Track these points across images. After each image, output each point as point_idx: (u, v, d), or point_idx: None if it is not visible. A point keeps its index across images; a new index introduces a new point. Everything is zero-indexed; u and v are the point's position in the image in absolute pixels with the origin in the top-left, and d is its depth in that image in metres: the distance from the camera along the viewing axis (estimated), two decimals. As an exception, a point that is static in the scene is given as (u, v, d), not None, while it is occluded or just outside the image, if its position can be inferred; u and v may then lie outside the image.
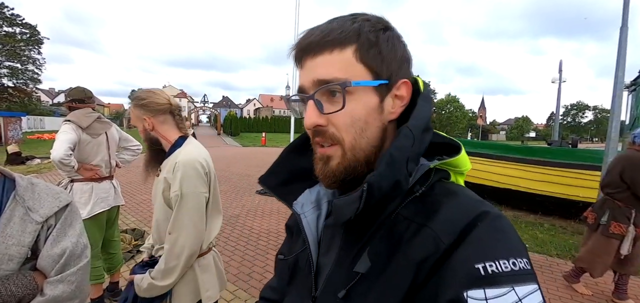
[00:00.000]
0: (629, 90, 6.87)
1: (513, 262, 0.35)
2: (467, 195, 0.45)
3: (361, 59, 0.44)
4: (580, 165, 5.83)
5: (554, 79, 11.77)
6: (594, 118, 66.78)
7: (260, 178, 0.60)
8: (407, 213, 0.44)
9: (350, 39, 0.44)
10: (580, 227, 5.57)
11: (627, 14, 4.04)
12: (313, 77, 0.45)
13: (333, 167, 0.47)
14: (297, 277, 0.59)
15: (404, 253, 0.41)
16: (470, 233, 0.38)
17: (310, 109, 0.46)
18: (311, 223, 0.55)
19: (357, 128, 0.45)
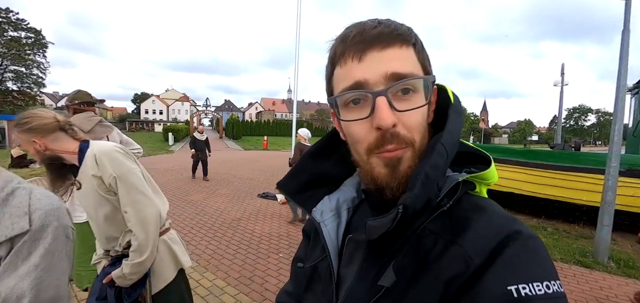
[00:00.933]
0: (632, 94, 6.85)
1: (547, 285, 0.34)
2: (497, 211, 0.43)
3: (420, 59, 0.44)
4: (583, 168, 5.80)
5: (557, 82, 11.72)
6: (596, 121, 66.51)
7: (279, 183, 0.58)
8: (435, 228, 0.42)
9: (411, 37, 0.43)
10: (584, 231, 5.53)
11: (629, 18, 4.03)
12: (386, 70, 0.41)
13: (405, 170, 0.42)
14: (315, 285, 0.57)
15: (431, 270, 0.39)
16: (502, 253, 0.36)
17: (384, 105, 0.40)
18: (331, 232, 0.53)
19: (422, 128, 0.44)
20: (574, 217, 5.99)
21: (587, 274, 3.77)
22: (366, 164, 0.45)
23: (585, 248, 4.57)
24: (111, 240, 1.40)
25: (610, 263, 4.08)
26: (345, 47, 0.43)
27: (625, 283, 3.57)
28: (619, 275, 3.80)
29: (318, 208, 0.55)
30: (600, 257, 4.15)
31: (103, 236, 1.40)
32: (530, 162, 6.37)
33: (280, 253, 4.03)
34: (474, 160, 0.48)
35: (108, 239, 1.40)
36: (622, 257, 4.27)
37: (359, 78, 0.42)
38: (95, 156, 1.29)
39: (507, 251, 0.36)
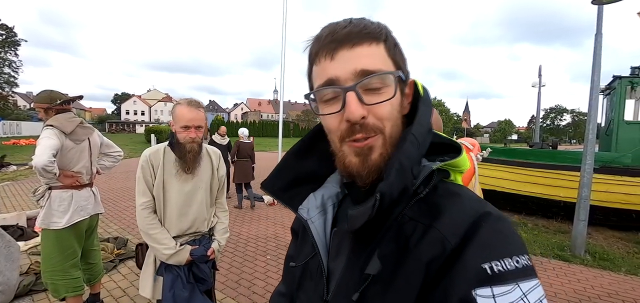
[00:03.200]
0: (604, 94, 7.19)
1: (516, 259, 0.37)
2: (469, 195, 0.46)
3: (391, 55, 0.47)
4: (560, 166, 6.04)
5: (534, 83, 12.20)
6: (571, 121, 69.51)
7: (263, 183, 0.59)
8: (413, 215, 0.45)
9: (381, 34, 0.46)
10: (562, 226, 5.76)
11: (601, 23, 4.23)
12: (355, 67, 0.44)
13: (376, 158, 0.46)
14: (307, 282, 0.59)
15: (413, 254, 0.42)
16: (475, 233, 0.39)
17: (354, 100, 0.44)
18: (319, 229, 0.55)
19: (394, 118, 0.47)
20: (552, 212, 6.24)
21: (565, 267, 3.92)
22: (339, 152, 0.48)
23: (563, 243, 4.76)
24: (202, 222, 1.72)
25: (587, 256, 4.27)
26: (319, 46, 0.46)
27: (601, 275, 3.74)
28: (595, 267, 3.97)
29: (304, 206, 0.56)
30: (577, 250, 4.34)
31: (194, 217, 1.69)
32: (510, 160, 6.58)
33: (268, 255, 3.99)
34: (447, 149, 0.52)
35: (200, 221, 1.71)
36: (597, 250, 4.48)
37: (331, 75, 0.45)
38: (216, 153, 1.83)
39: (480, 232, 0.39)
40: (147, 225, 1.58)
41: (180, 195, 1.63)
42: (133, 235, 4.48)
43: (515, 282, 0.36)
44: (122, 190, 7.56)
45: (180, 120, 1.59)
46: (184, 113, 1.59)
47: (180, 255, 1.61)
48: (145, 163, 1.58)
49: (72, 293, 2.25)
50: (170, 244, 1.60)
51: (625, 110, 6.28)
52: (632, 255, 4.55)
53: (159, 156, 1.61)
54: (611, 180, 5.57)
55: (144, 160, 1.59)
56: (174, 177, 1.62)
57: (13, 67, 29.29)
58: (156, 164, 1.59)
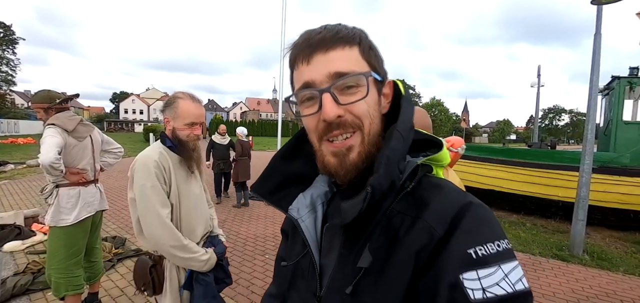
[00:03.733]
0: (603, 95, 7.21)
1: (497, 244, 0.41)
2: (451, 187, 0.49)
3: (365, 57, 0.49)
4: (559, 166, 6.06)
5: (533, 83, 12.23)
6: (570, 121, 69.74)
7: (253, 187, 0.61)
8: (401, 208, 0.48)
9: (355, 39, 0.49)
10: (560, 226, 5.77)
11: (601, 23, 4.23)
12: (329, 70, 0.47)
13: (354, 157, 0.49)
14: (298, 282, 0.59)
15: (402, 245, 0.45)
16: (460, 222, 0.42)
17: (329, 101, 0.47)
18: (309, 227, 0.57)
19: (371, 115, 0.49)
20: (551, 212, 6.25)
21: (563, 267, 3.93)
22: (319, 151, 0.51)
23: (562, 242, 4.76)
24: (209, 221, 1.65)
25: (585, 256, 4.28)
26: (296, 52, 0.50)
27: (599, 275, 3.74)
28: (593, 267, 3.98)
29: (294, 206, 0.58)
30: (575, 250, 4.35)
31: (205, 219, 1.61)
32: (509, 160, 6.59)
33: (266, 254, 3.98)
34: (429, 145, 0.55)
35: (208, 221, 1.64)
36: (596, 250, 4.49)
37: (307, 78, 0.48)
38: None
39: (464, 220, 0.42)
40: (178, 237, 1.39)
41: (194, 198, 1.52)
42: (131, 234, 4.46)
43: (497, 264, 0.39)
44: (120, 189, 7.53)
45: (187, 116, 1.45)
46: (191, 109, 1.45)
47: (212, 259, 1.50)
48: (158, 170, 1.38)
49: (72, 291, 2.26)
50: (202, 250, 1.48)
51: (623, 111, 6.30)
52: (630, 255, 4.56)
53: (167, 160, 1.43)
54: (609, 180, 5.59)
55: (155, 167, 1.37)
56: (183, 180, 1.48)
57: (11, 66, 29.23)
58: (167, 169, 1.42)
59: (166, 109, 1.48)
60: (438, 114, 58.88)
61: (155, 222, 1.34)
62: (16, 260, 3.51)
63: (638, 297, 3.25)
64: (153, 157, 1.39)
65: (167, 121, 1.48)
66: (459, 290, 0.38)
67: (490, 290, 0.38)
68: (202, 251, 1.48)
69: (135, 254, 3.74)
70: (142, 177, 1.36)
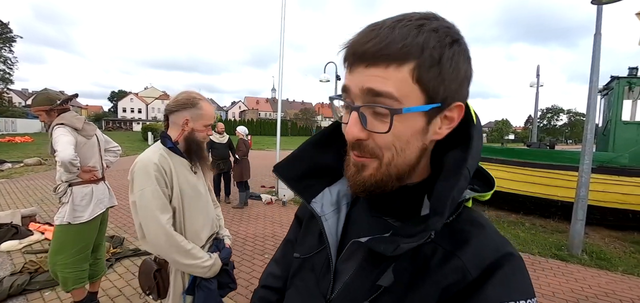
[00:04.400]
0: (602, 95, 7.22)
1: (529, 301, 0.40)
2: (492, 230, 0.47)
3: (418, 79, 0.41)
4: (558, 166, 6.06)
5: (532, 83, 12.23)
6: (568, 121, 69.93)
7: (276, 167, 0.58)
8: (435, 238, 0.45)
9: (411, 55, 0.40)
10: (559, 226, 5.78)
11: (601, 23, 4.22)
12: (363, 85, 0.42)
13: (366, 177, 0.47)
14: (307, 273, 0.58)
15: (429, 276, 0.43)
16: (497, 270, 0.41)
17: (353, 120, 0.44)
18: (332, 227, 0.55)
19: (398, 147, 0.44)
20: (550, 212, 6.25)
21: (562, 267, 3.93)
22: (347, 156, 0.50)
23: (561, 242, 4.77)
24: (216, 222, 1.62)
25: (584, 256, 4.28)
26: (346, 54, 0.45)
27: (598, 275, 3.75)
28: (592, 267, 3.99)
29: (318, 201, 0.56)
30: (574, 250, 4.35)
31: (211, 220, 1.57)
32: (508, 160, 6.59)
33: (266, 254, 3.96)
34: (478, 176, 0.52)
35: (215, 222, 1.61)
36: (595, 249, 4.49)
37: (346, 84, 0.45)
38: None
39: (502, 270, 0.41)
40: (181, 242, 1.35)
41: (198, 199, 1.48)
42: (129, 233, 4.44)
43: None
44: (118, 188, 7.49)
45: (208, 117, 1.44)
46: (211, 110, 1.45)
47: (216, 264, 1.46)
48: (158, 173, 1.33)
49: (80, 284, 2.32)
50: (206, 255, 1.44)
51: (622, 111, 6.30)
52: (629, 255, 4.57)
53: (168, 162, 1.38)
54: (608, 180, 5.59)
55: (155, 170, 1.32)
56: (187, 181, 1.44)
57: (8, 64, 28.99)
58: (168, 172, 1.37)
59: (186, 110, 1.42)
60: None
61: (156, 227, 1.31)
62: (13, 260, 3.48)
63: (637, 297, 3.26)
64: (153, 160, 1.34)
65: (185, 122, 1.42)
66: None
67: None
68: (206, 257, 1.43)
69: (134, 254, 3.72)
70: (142, 181, 1.31)
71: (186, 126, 1.43)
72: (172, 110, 1.44)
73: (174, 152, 1.42)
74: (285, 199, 6.72)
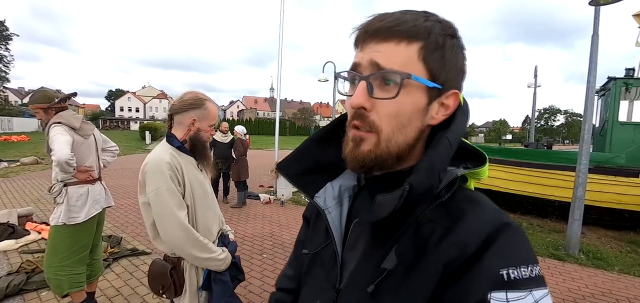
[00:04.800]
0: (599, 95, 7.26)
1: (531, 268, 0.40)
2: (489, 204, 0.48)
3: (424, 58, 0.45)
4: (555, 166, 6.09)
5: (530, 83, 12.30)
6: (565, 121, 70.28)
7: (279, 165, 0.59)
8: (433, 216, 0.47)
9: (420, 35, 0.45)
10: (556, 225, 5.81)
11: (598, 24, 4.24)
12: (373, 59, 0.45)
13: (364, 151, 0.48)
14: (316, 270, 0.60)
15: (430, 254, 0.44)
16: (494, 241, 0.41)
17: (361, 89, 0.46)
18: (335, 219, 0.56)
19: (399, 122, 0.46)
20: (547, 212, 6.29)
21: (560, 266, 3.96)
22: (346, 136, 0.51)
23: (558, 242, 4.80)
24: (221, 218, 1.64)
25: (581, 255, 4.31)
26: (357, 35, 0.48)
27: (594, 274, 3.78)
28: (589, 266, 4.01)
29: (320, 195, 0.58)
30: (571, 249, 4.38)
31: (218, 216, 1.60)
32: (505, 160, 6.62)
33: (264, 253, 3.96)
34: (469, 156, 0.52)
35: (220, 218, 1.63)
36: (591, 249, 4.52)
37: (356, 61, 0.48)
38: None
39: (498, 240, 0.41)
40: (198, 238, 1.38)
41: (207, 197, 1.51)
42: (127, 233, 4.42)
43: (529, 290, 0.39)
44: (116, 187, 7.47)
45: (213, 118, 1.48)
46: (216, 110, 1.51)
47: (228, 257, 1.50)
48: (171, 172, 1.35)
49: (76, 288, 2.27)
50: (219, 249, 1.48)
51: (619, 111, 6.34)
52: (625, 254, 4.60)
53: (178, 160, 1.40)
54: (605, 180, 5.63)
55: (168, 169, 1.34)
56: (196, 179, 1.47)
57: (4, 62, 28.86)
58: (180, 170, 1.39)
59: (192, 110, 1.45)
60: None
61: (174, 224, 1.32)
62: (9, 260, 3.46)
63: (633, 296, 3.29)
64: (165, 158, 1.35)
65: (192, 122, 1.45)
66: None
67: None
68: (219, 250, 1.47)
69: (131, 254, 3.70)
70: (156, 180, 1.32)
71: (193, 126, 1.45)
72: (178, 111, 1.46)
73: (181, 151, 1.45)
74: (284, 199, 6.72)
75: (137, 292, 2.92)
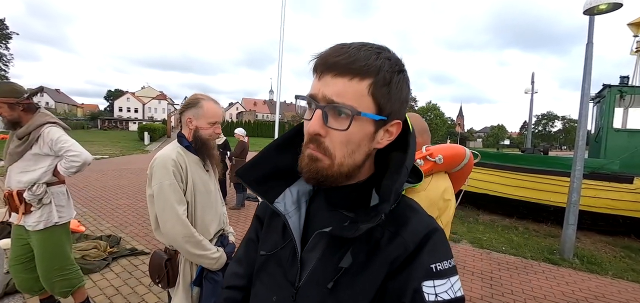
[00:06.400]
0: (594, 102, 7.36)
1: (449, 262, 0.52)
2: (423, 211, 0.59)
3: (373, 93, 0.51)
4: (551, 171, 6.16)
5: (527, 89, 12.40)
6: (562, 127, 70.70)
7: (238, 171, 0.63)
8: (383, 223, 0.55)
9: (370, 73, 0.50)
10: (551, 230, 5.86)
11: (593, 32, 4.33)
12: (328, 93, 0.51)
13: (318, 168, 0.54)
14: (273, 267, 0.63)
15: (380, 254, 0.54)
16: (427, 242, 0.53)
17: (317, 117, 0.52)
18: (295, 223, 0.62)
19: (349, 149, 0.54)
20: (543, 217, 6.35)
21: (554, 270, 4.00)
22: (303, 153, 0.56)
23: (553, 246, 4.85)
24: (223, 218, 1.70)
25: (575, 260, 4.36)
26: (316, 64, 0.53)
27: (588, 279, 3.83)
28: (583, 270, 4.06)
29: (280, 201, 0.62)
30: (566, 254, 4.43)
31: (219, 216, 1.64)
32: (502, 165, 6.68)
33: (262, 255, 3.98)
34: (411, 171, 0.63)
35: (222, 217, 1.68)
36: (585, 254, 4.58)
37: (313, 91, 0.53)
38: None
39: (430, 241, 0.53)
40: (193, 234, 1.44)
41: (209, 196, 1.57)
42: (126, 233, 4.44)
43: (448, 277, 0.51)
44: (115, 187, 7.47)
45: (211, 115, 1.53)
46: (214, 108, 1.55)
47: (222, 258, 1.54)
48: (176, 169, 1.43)
49: (82, 282, 2.27)
50: (214, 248, 1.52)
51: (614, 118, 6.43)
52: (618, 259, 4.66)
53: (184, 159, 1.48)
54: (600, 186, 5.70)
55: (173, 166, 1.43)
56: (199, 178, 1.53)
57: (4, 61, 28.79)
58: (184, 168, 1.47)
59: (188, 110, 1.53)
60: (433, 118, 59.48)
61: (172, 218, 1.40)
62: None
63: (626, 300, 3.34)
64: (171, 156, 1.45)
65: (189, 121, 1.52)
66: (419, 294, 0.50)
67: (440, 296, 0.50)
68: (214, 249, 1.52)
69: (130, 253, 3.72)
70: (161, 175, 1.41)
71: (191, 124, 1.53)
72: (181, 111, 1.57)
73: (189, 150, 1.53)
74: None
75: (136, 291, 2.94)
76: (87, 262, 3.34)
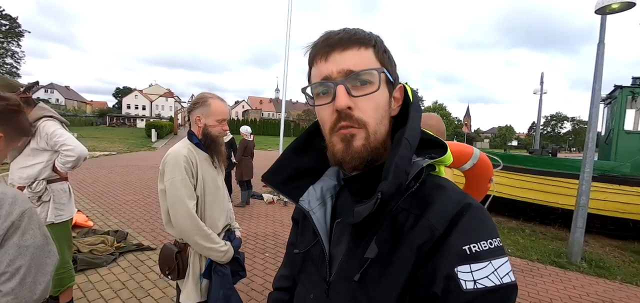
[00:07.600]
0: (605, 103, 7.21)
1: (490, 242, 0.45)
2: (453, 188, 0.53)
3: (379, 59, 0.53)
4: (559, 173, 6.06)
5: (536, 90, 12.21)
6: (572, 128, 69.50)
7: (264, 176, 0.65)
8: (406, 206, 0.52)
9: (370, 41, 0.53)
10: (559, 233, 5.78)
11: (604, 32, 4.24)
12: (345, 66, 0.51)
13: (358, 146, 0.52)
14: (308, 267, 0.65)
15: (405, 240, 0.49)
16: (458, 221, 0.47)
17: (341, 92, 0.51)
18: (320, 219, 0.61)
19: (379, 114, 0.53)
20: (550, 219, 6.25)
21: (561, 274, 3.95)
22: (329, 142, 0.55)
23: (560, 249, 4.78)
24: (230, 213, 1.74)
25: (583, 263, 4.29)
26: (316, 51, 0.54)
27: (596, 283, 3.76)
28: (591, 274, 4.00)
29: (305, 198, 0.62)
30: (573, 257, 4.36)
31: (226, 211, 1.70)
32: (510, 167, 6.60)
33: (266, 252, 4.01)
34: (433, 145, 0.59)
35: (229, 213, 1.73)
36: (593, 257, 4.50)
37: (325, 73, 0.52)
38: None
39: (462, 220, 0.47)
40: (202, 227, 1.49)
41: (217, 192, 1.62)
42: (133, 228, 4.51)
43: (488, 260, 0.44)
44: (123, 183, 7.58)
45: (219, 113, 1.58)
46: (222, 106, 1.60)
47: (230, 251, 1.59)
48: (187, 165, 1.49)
49: (71, 282, 2.27)
50: (222, 242, 1.58)
51: (625, 120, 6.30)
52: (627, 264, 4.57)
53: (194, 156, 1.53)
54: (609, 189, 5.59)
55: (184, 162, 1.48)
56: (209, 174, 1.59)
57: (16, 58, 29.36)
58: (195, 164, 1.53)
59: (196, 108, 1.58)
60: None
61: (183, 212, 1.45)
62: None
63: (635, 306, 3.27)
64: (183, 152, 1.50)
65: (197, 119, 1.58)
66: (453, 280, 0.43)
67: (480, 282, 0.43)
68: (222, 243, 1.57)
69: (137, 248, 3.78)
70: (173, 170, 1.47)
71: (200, 122, 1.58)
72: (190, 110, 1.62)
73: (199, 147, 1.59)
74: (287, 199, 6.76)
75: (142, 286, 2.98)
76: (94, 256, 3.40)
